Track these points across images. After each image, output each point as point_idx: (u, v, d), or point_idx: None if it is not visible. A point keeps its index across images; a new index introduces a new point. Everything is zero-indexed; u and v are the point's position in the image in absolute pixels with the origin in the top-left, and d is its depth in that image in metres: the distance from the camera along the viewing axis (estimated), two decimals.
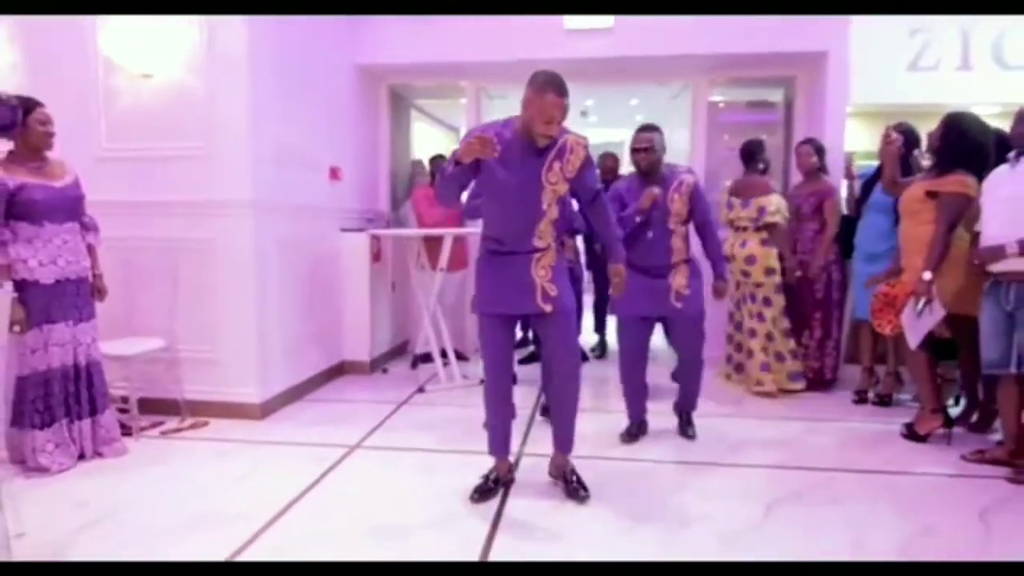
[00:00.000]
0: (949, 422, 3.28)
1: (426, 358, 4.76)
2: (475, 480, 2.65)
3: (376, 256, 4.78)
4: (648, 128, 3.20)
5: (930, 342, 3.19)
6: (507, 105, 6.67)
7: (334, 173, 4.48)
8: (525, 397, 3.71)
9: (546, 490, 2.65)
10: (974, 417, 3.48)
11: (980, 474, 2.86)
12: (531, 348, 4.88)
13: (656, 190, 3.08)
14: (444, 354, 4.47)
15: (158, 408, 3.50)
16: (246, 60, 3.41)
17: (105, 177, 3.41)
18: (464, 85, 5.37)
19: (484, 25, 4.65)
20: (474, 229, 4.61)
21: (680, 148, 5.37)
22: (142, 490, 2.67)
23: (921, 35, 5.63)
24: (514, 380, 2.76)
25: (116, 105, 3.50)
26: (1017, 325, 2.80)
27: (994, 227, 2.82)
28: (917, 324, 3.03)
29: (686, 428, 3.34)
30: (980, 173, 3.01)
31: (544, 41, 4.65)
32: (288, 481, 2.73)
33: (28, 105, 2.83)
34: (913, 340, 3.10)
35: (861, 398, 3.95)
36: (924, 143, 3.55)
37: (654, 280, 3.15)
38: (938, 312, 3.00)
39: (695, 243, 3.29)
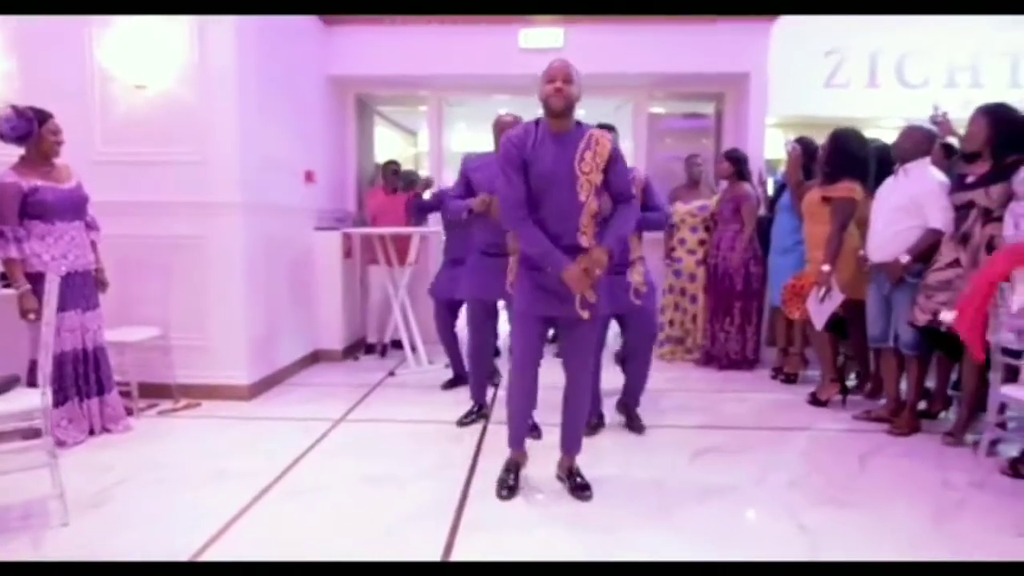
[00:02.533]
0: (845, 389, 3.92)
1: (395, 345, 5.21)
2: (455, 443, 3.10)
3: (347, 253, 5.17)
4: (602, 127, 3.21)
5: (832, 323, 3.81)
6: (465, 112, 7.15)
7: (309, 176, 4.86)
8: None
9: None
10: (868, 386, 4.13)
11: (867, 429, 3.48)
12: None
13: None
14: (397, 344, 5.03)
15: (152, 392, 3.81)
16: (235, 73, 3.77)
17: (100, 179, 3.66)
18: (426, 95, 5.79)
19: (446, 42, 5.12)
20: (434, 228, 5.11)
21: (626, 152, 5.94)
22: (158, 456, 3.03)
23: (834, 55, 6.37)
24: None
25: (111, 112, 3.80)
26: (893, 307, 3.43)
27: (879, 225, 3.43)
28: (820, 308, 3.64)
29: (636, 423, 3.43)
30: (864, 179, 3.65)
31: (502, 58, 5.13)
32: (286, 446, 3.13)
33: (42, 116, 3.14)
34: (818, 322, 3.70)
35: (777, 374, 4.57)
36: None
37: (615, 276, 3.17)
38: (837, 297, 3.61)
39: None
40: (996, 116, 3.02)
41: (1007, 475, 2.80)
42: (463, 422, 3.52)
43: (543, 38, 5.07)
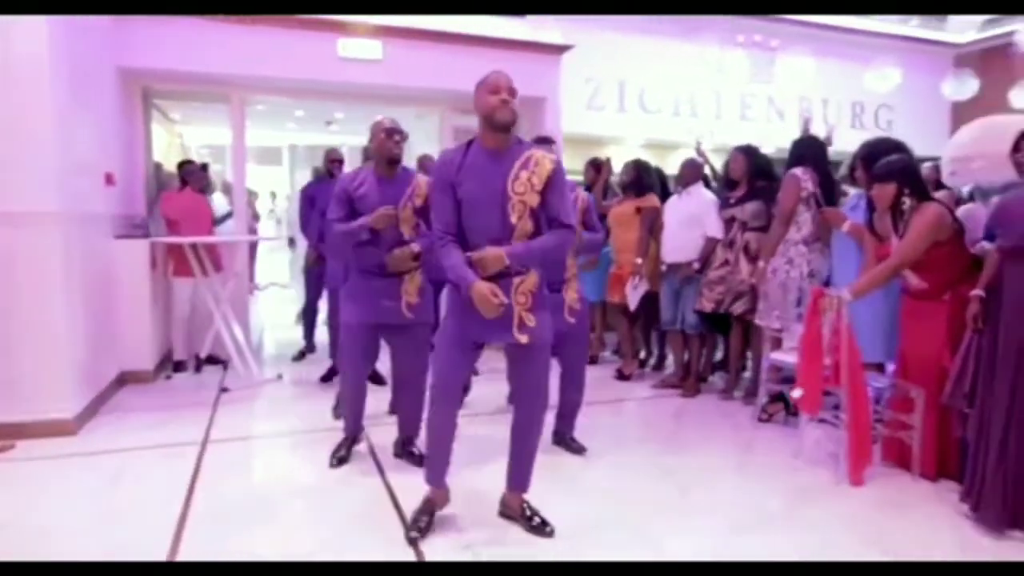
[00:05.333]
0: (643, 364, 4.85)
1: (210, 360, 4.93)
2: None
3: (153, 263, 4.73)
4: (541, 140, 3.25)
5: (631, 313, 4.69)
6: (264, 112, 6.88)
7: (109, 179, 4.36)
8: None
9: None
10: (652, 360, 5.14)
11: (664, 395, 4.40)
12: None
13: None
14: (212, 360, 4.88)
15: None
16: (48, 64, 3.33)
17: None
18: (228, 93, 5.48)
19: (258, 43, 4.97)
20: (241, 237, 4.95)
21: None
22: (17, 504, 2.66)
23: (592, 83, 7.51)
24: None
25: None
26: (681, 298, 4.39)
27: (670, 236, 4.36)
28: (633, 294, 4.49)
29: (575, 445, 3.32)
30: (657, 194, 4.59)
31: (319, 64, 5.15)
32: (168, 475, 2.95)
33: None
34: (632, 304, 4.53)
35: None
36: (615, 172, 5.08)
37: (550, 294, 2.88)
38: (643, 287, 4.48)
39: None
40: (751, 154, 4.10)
41: (762, 420, 3.82)
42: (335, 463, 3.08)
43: (362, 49, 5.21)
